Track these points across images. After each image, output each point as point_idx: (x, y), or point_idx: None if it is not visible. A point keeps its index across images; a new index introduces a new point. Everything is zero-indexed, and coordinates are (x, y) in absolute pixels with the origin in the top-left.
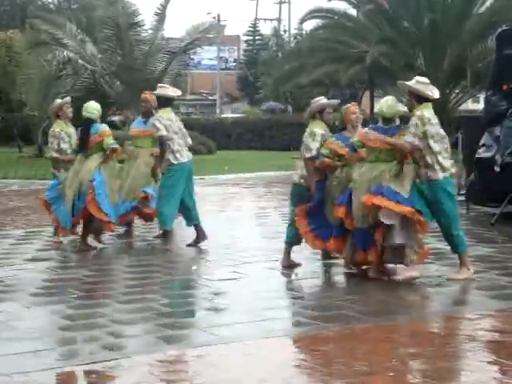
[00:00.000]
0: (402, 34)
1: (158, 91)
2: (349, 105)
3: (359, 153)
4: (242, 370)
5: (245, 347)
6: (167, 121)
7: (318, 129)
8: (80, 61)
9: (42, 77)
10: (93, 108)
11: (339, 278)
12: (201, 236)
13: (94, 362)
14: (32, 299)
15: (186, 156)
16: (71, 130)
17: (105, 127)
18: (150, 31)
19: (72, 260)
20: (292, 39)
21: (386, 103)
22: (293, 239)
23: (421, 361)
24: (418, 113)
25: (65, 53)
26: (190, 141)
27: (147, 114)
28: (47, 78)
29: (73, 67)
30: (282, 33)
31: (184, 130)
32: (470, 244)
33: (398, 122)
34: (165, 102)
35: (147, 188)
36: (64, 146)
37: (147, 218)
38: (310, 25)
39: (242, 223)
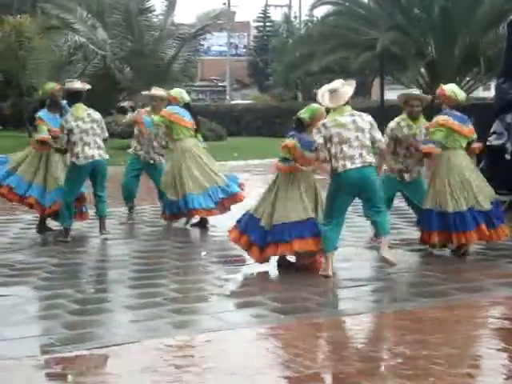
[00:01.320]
0: (412, 21)
1: (66, 85)
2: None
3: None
4: (250, 356)
5: (253, 333)
6: (75, 121)
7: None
8: (90, 46)
9: (52, 62)
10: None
11: (345, 265)
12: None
13: (103, 347)
14: (42, 283)
15: (83, 158)
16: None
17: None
18: (161, 17)
19: (82, 245)
20: (302, 26)
21: (459, 90)
22: None
23: (430, 347)
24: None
25: (75, 38)
26: (105, 135)
27: (55, 108)
28: (58, 63)
29: (83, 52)
30: (292, 19)
31: (102, 126)
32: None
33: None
34: (73, 96)
35: None
36: None
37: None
38: (320, 11)
39: None
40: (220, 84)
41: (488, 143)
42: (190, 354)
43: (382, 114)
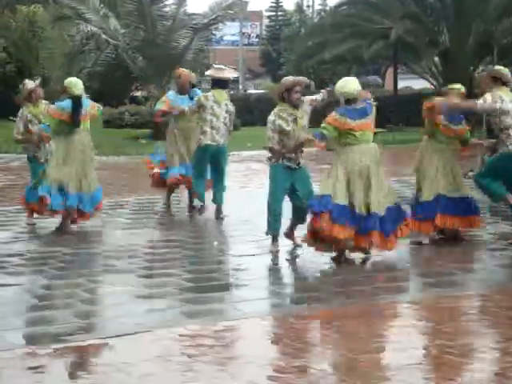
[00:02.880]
0: (426, 9)
1: (215, 72)
2: (456, 86)
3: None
4: (263, 345)
5: (266, 322)
6: (213, 103)
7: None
8: (103, 35)
9: (65, 52)
10: (80, 84)
11: (360, 254)
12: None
13: (116, 336)
14: (54, 273)
15: (210, 139)
16: (40, 109)
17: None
18: (173, 6)
19: (94, 235)
20: (315, 15)
21: (354, 83)
22: None
23: (442, 337)
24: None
25: (88, 27)
26: (231, 128)
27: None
28: (70, 53)
29: (96, 42)
30: (305, 8)
31: (231, 116)
32: (492, 221)
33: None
34: (218, 82)
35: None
36: (34, 128)
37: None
38: (333, 0)
39: (264, 199)
40: None
41: None
42: (203, 343)
43: (396, 104)
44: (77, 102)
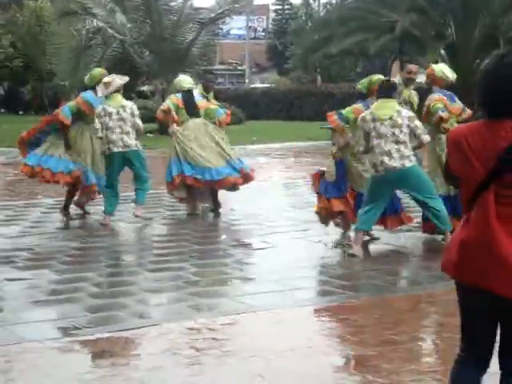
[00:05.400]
0: (432, 2)
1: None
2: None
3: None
4: (270, 339)
5: (273, 316)
6: None
7: None
8: (109, 30)
9: (71, 46)
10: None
11: (368, 247)
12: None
13: (124, 330)
14: (62, 267)
15: None
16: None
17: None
18: (179, 1)
19: (102, 229)
20: (321, 8)
21: (449, 70)
22: None
23: (449, 330)
24: None
25: (94, 22)
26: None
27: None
28: (77, 48)
29: (102, 37)
30: (311, 2)
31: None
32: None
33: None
34: None
35: None
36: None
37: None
38: None
39: (271, 193)
40: (239, 67)
41: None
42: (210, 336)
43: None
44: (185, 95)
